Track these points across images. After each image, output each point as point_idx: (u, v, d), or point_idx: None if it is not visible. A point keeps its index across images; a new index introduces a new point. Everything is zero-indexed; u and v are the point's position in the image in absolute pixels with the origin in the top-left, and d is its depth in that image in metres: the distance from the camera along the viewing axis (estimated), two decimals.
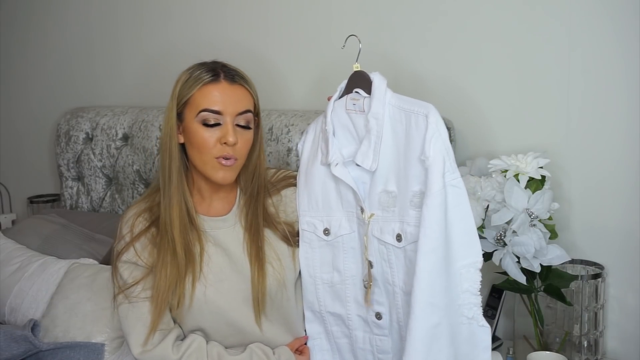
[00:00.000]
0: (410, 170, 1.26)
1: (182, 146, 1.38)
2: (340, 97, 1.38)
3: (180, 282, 1.33)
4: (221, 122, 1.33)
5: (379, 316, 1.36)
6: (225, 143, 1.32)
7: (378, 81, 1.32)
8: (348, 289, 1.39)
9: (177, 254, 1.33)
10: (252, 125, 1.38)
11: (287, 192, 1.48)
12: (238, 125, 1.35)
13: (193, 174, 1.41)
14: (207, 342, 1.37)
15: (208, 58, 1.41)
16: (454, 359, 1.23)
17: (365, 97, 1.33)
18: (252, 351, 1.37)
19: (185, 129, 1.35)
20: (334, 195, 1.39)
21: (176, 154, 1.35)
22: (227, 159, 1.34)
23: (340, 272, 1.39)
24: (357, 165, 1.32)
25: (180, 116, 1.35)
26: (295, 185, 1.48)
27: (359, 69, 1.36)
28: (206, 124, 1.32)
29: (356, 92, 1.35)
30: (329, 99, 1.40)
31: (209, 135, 1.32)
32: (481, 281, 1.24)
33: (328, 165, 1.36)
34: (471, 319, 1.24)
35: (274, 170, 1.53)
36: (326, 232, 1.40)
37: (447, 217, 1.21)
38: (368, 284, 1.34)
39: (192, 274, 1.35)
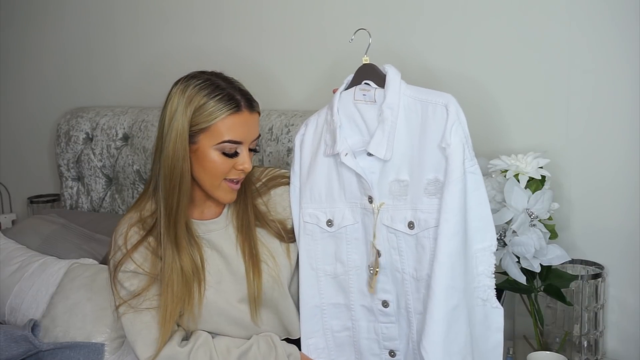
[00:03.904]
0: (426, 159, 1.28)
1: None
2: (347, 89, 1.38)
3: (189, 297, 1.34)
4: (239, 152, 1.33)
5: (385, 304, 1.36)
6: (241, 170, 1.33)
7: (393, 73, 1.33)
8: (351, 279, 1.39)
9: (184, 272, 1.33)
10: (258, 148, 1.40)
11: (276, 191, 1.47)
12: (249, 150, 1.35)
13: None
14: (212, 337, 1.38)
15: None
16: (470, 340, 1.25)
17: (375, 88, 1.34)
18: (257, 340, 1.38)
19: (197, 151, 1.32)
20: (337, 186, 1.38)
21: (188, 177, 1.32)
22: (237, 182, 1.35)
23: (344, 263, 1.39)
24: (369, 154, 1.32)
25: (191, 138, 1.31)
26: (284, 184, 1.47)
27: (368, 62, 1.36)
28: (226, 154, 1.31)
29: (366, 83, 1.35)
30: (334, 92, 1.39)
31: (225, 163, 1.32)
32: (495, 264, 1.28)
33: (334, 155, 1.36)
34: (485, 300, 1.28)
35: (261, 169, 1.52)
36: (329, 223, 1.39)
37: (466, 203, 1.25)
38: (374, 270, 1.34)
39: (198, 286, 1.36)
